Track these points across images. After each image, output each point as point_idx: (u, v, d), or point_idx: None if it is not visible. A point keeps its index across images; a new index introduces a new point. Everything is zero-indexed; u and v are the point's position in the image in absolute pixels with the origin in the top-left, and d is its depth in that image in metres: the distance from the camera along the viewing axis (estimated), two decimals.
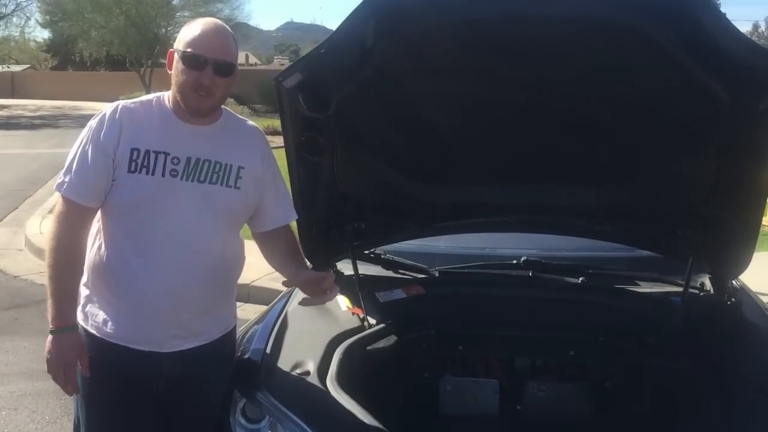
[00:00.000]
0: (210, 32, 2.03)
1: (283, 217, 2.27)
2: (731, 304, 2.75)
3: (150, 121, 2.07)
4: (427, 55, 2.13)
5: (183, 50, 2.01)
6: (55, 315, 2.01)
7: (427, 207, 2.80)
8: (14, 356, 4.72)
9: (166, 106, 2.10)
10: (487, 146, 2.52)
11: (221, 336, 2.21)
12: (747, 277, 2.95)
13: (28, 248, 7.88)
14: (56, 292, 2.01)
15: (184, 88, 2.01)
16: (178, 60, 2.02)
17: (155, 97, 2.13)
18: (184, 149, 2.05)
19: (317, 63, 2.15)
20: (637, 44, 1.98)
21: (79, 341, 2.05)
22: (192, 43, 2.00)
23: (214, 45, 2.01)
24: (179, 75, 2.02)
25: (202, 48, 2.00)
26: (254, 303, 5.25)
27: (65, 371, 2.02)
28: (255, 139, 2.21)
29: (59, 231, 2.02)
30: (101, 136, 2.02)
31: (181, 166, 2.04)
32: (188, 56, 2.00)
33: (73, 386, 2.07)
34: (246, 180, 2.12)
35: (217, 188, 2.08)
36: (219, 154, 2.09)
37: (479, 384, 2.79)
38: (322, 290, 2.21)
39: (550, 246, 3.18)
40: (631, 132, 2.38)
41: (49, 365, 2.03)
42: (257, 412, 2.14)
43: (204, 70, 1.99)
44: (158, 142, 2.04)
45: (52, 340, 2.02)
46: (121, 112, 2.05)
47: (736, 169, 2.36)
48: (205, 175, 2.06)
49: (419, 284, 2.87)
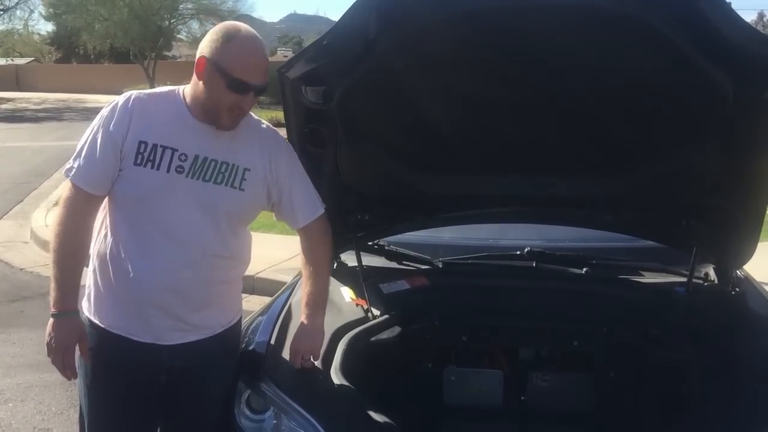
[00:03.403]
0: (257, 56, 2.01)
1: (306, 215, 2.22)
2: (735, 294, 2.74)
3: (162, 114, 2.06)
4: (429, 47, 2.12)
5: (229, 73, 1.96)
6: (56, 299, 2.02)
7: (430, 198, 2.79)
8: (20, 348, 4.75)
9: (182, 102, 2.09)
10: (490, 137, 2.51)
11: (223, 330, 2.20)
12: (751, 267, 2.94)
13: (34, 241, 7.92)
14: (59, 276, 2.02)
15: (220, 107, 2.01)
16: (218, 78, 1.98)
17: (170, 90, 2.12)
18: (193, 147, 2.05)
19: (320, 54, 2.14)
20: (640, 34, 1.97)
21: (79, 326, 2.07)
22: (239, 68, 1.97)
23: (259, 70, 2.01)
24: (217, 93, 1.99)
25: (249, 74, 1.98)
26: (259, 294, 5.26)
27: (64, 355, 2.04)
28: (267, 140, 2.18)
29: (65, 216, 2.03)
30: (111, 125, 2.02)
31: (187, 164, 2.04)
32: (235, 83, 1.97)
33: (71, 371, 2.08)
34: (251, 182, 2.11)
35: (221, 188, 2.07)
36: (227, 154, 2.09)
37: (483, 375, 2.80)
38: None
39: (554, 237, 3.17)
40: (634, 122, 2.37)
41: (49, 349, 2.05)
42: (262, 403, 2.15)
43: (246, 95, 2.00)
44: (167, 137, 2.03)
45: (53, 323, 2.04)
46: (134, 102, 2.04)
47: (740, 160, 2.34)
48: (210, 175, 2.06)
49: (423, 275, 2.87)
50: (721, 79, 2.07)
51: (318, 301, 2.21)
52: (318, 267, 2.24)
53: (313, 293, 2.21)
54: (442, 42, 2.09)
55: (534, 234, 3.18)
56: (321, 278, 2.24)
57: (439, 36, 2.07)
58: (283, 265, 6.17)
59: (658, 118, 2.34)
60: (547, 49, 2.08)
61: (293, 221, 2.24)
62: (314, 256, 2.25)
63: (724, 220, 2.59)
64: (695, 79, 2.08)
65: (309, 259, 2.25)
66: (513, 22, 2.01)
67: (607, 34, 2.02)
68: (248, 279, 5.49)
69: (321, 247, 2.27)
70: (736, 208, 2.53)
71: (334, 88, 2.25)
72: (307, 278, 2.23)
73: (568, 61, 2.12)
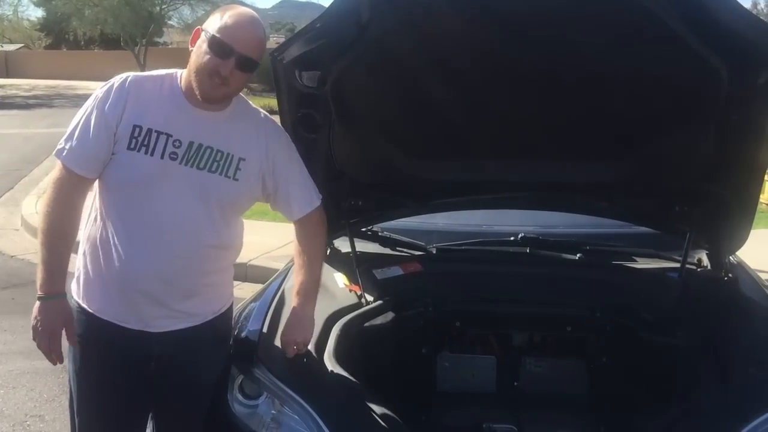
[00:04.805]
0: (244, 24, 1.98)
1: (302, 207, 2.20)
2: (728, 279, 2.75)
3: (157, 99, 2.03)
4: (423, 30, 2.11)
5: (212, 33, 1.95)
6: (43, 281, 1.98)
7: (424, 184, 2.79)
8: (12, 335, 4.73)
9: (178, 86, 2.05)
10: (484, 122, 2.50)
11: (214, 317, 2.17)
12: (745, 254, 2.95)
13: (24, 228, 7.88)
14: (46, 258, 1.98)
15: (202, 71, 1.97)
16: (203, 41, 1.97)
17: (167, 74, 2.08)
18: (187, 133, 2.01)
19: (313, 37, 2.12)
20: (634, 17, 1.96)
21: (66, 309, 2.02)
22: (223, 30, 1.95)
23: (244, 38, 1.97)
24: (200, 56, 1.97)
25: (233, 38, 1.95)
26: (252, 282, 5.25)
27: (50, 339, 1.99)
28: (265, 130, 2.15)
29: (54, 198, 1.98)
30: (106, 107, 1.98)
31: (181, 150, 2.00)
32: (216, 42, 1.94)
33: (57, 355, 2.03)
34: (246, 172, 2.08)
35: (215, 177, 2.04)
36: (222, 142, 2.05)
37: (477, 360, 2.80)
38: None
39: (548, 222, 3.18)
40: (630, 107, 2.37)
41: (35, 332, 2.00)
42: (255, 389, 2.14)
43: (227, 60, 1.95)
44: (162, 122, 1.99)
45: (39, 306, 1.99)
46: (130, 84, 2.00)
47: (734, 145, 2.35)
48: (204, 163, 2.02)
49: (417, 261, 2.87)
50: (716, 63, 2.06)
51: (309, 291, 2.19)
52: (312, 257, 2.22)
53: (305, 283, 2.19)
54: (437, 24, 2.08)
55: (528, 220, 3.18)
56: (314, 268, 2.22)
57: (434, 18, 2.05)
58: (276, 253, 6.16)
59: (652, 102, 2.33)
60: (542, 33, 2.07)
61: (289, 212, 2.21)
62: (308, 247, 2.23)
63: (717, 206, 2.59)
64: (690, 63, 2.08)
65: (303, 249, 2.23)
66: (507, 5, 2.00)
67: (602, 18, 2.01)
68: (241, 266, 5.48)
69: (317, 239, 2.25)
70: (730, 193, 2.53)
71: (327, 71, 2.24)
72: (300, 267, 2.21)
73: (562, 45, 2.11)
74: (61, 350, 2.04)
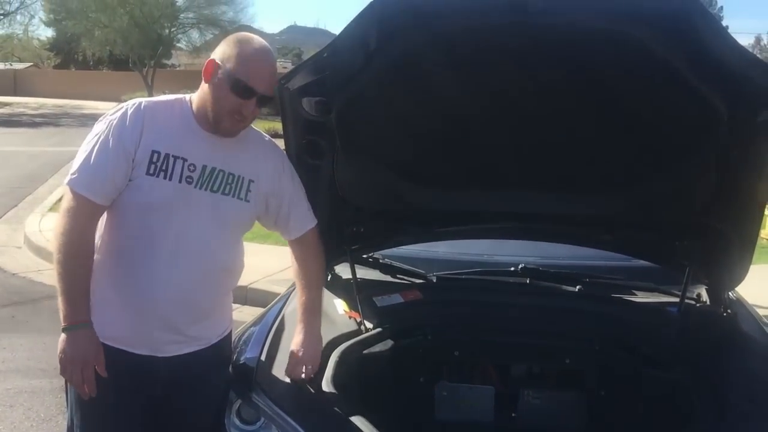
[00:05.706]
0: (263, 63, 2.03)
1: (300, 227, 2.25)
2: (727, 315, 2.75)
3: (171, 124, 2.05)
4: (428, 61, 2.14)
5: (234, 75, 1.98)
6: (68, 312, 1.93)
7: (426, 212, 2.80)
8: (11, 353, 4.72)
9: (189, 111, 2.08)
10: (488, 154, 2.52)
11: (218, 340, 2.20)
12: (744, 289, 2.95)
13: (27, 246, 7.89)
14: (68, 288, 1.94)
15: (221, 109, 2.01)
16: (223, 80, 1.99)
17: (177, 99, 2.12)
18: (201, 157, 2.05)
19: (321, 66, 2.16)
20: (635, 53, 1.99)
21: (95, 337, 1.96)
22: (245, 72, 1.98)
23: (264, 78, 2.02)
24: (220, 96, 2.00)
25: (254, 79, 1.99)
26: (252, 305, 5.25)
27: (83, 370, 1.93)
28: (269, 153, 2.21)
29: (69, 227, 1.95)
30: (122, 134, 1.98)
31: (196, 174, 2.03)
32: (239, 85, 1.98)
33: (90, 386, 1.95)
34: (254, 194, 2.14)
35: (229, 199, 2.08)
36: (233, 165, 2.09)
37: (475, 390, 2.79)
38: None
39: (549, 254, 3.18)
40: (630, 141, 2.39)
41: (64, 365, 1.94)
42: (252, 414, 2.14)
43: (249, 100, 2.00)
44: (177, 147, 2.02)
45: (65, 338, 1.93)
46: (145, 110, 2.03)
47: (734, 181, 2.36)
48: (218, 186, 2.06)
49: (417, 289, 2.87)
50: (715, 100, 2.08)
51: (314, 311, 2.24)
52: (311, 278, 2.27)
53: (308, 303, 2.23)
54: (441, 55, 2.10)
55: (528, 250, 3.19)
56: (316, 288, 2.27)
57: (438, 50, 2.08)
58: (277, 276, 6.16)
59: (652, 137, 2.35)
60: (542, 68, 2.10)
61: (286, 232, 2.26)
62: (307, 268, 2.27)
63: (717, 241, 2.60)
64: (689, 99, 2.10)
65: (302, 270, 2.26)
66: (512, 39, 2.03)
67: (605, 55, 2.04)
68: (241, 289, 5.47)
69: (315, 259, 2.29)
70: (730, 228, 2.54)
71: (333, 100, 2.26)
72: (301, 288, 2.25)
73: (563, 80, 2.14)
74: (93, 380, 1.96)
